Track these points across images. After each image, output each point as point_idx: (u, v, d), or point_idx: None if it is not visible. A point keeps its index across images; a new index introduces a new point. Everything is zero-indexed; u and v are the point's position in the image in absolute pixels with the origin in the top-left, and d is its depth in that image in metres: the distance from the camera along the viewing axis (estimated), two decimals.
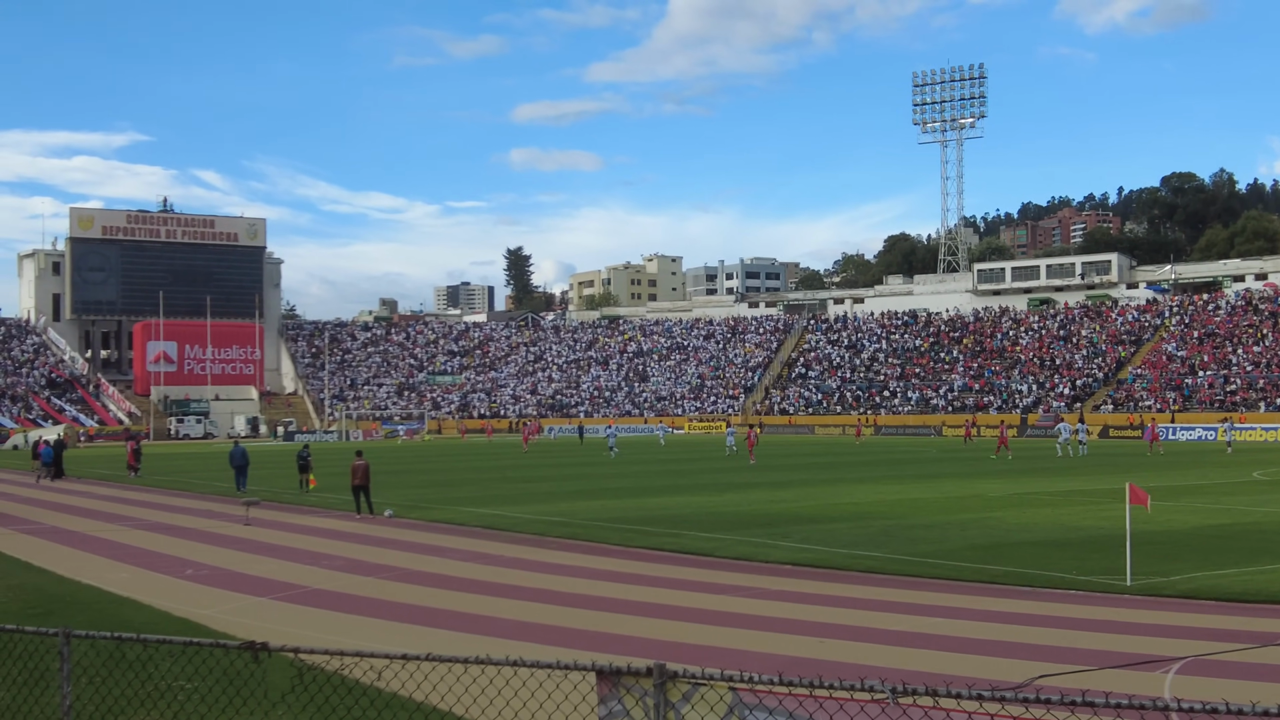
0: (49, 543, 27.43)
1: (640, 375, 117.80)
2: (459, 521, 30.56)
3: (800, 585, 19.82)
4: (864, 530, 27.14)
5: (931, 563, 21.86)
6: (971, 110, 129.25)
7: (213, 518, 32.89)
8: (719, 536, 26.21)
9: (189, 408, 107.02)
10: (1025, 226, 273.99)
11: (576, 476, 48.18)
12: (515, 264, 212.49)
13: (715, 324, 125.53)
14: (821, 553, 23.39)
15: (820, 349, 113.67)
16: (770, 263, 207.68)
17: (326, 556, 24.15)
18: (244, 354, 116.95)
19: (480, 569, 22.19)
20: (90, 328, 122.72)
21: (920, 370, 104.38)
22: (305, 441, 64.03)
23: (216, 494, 41.07)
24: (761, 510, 32.33)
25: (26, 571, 22.47)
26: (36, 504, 38.73)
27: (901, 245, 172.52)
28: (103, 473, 54.56)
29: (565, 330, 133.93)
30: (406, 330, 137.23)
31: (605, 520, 30.01)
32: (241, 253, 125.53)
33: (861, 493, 37.74)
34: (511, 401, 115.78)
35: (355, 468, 32.56)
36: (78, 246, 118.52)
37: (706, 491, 39.33)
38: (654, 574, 21.30)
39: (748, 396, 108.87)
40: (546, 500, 36.54)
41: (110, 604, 18.59)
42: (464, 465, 58.72)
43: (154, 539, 27.98)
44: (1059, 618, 16.77)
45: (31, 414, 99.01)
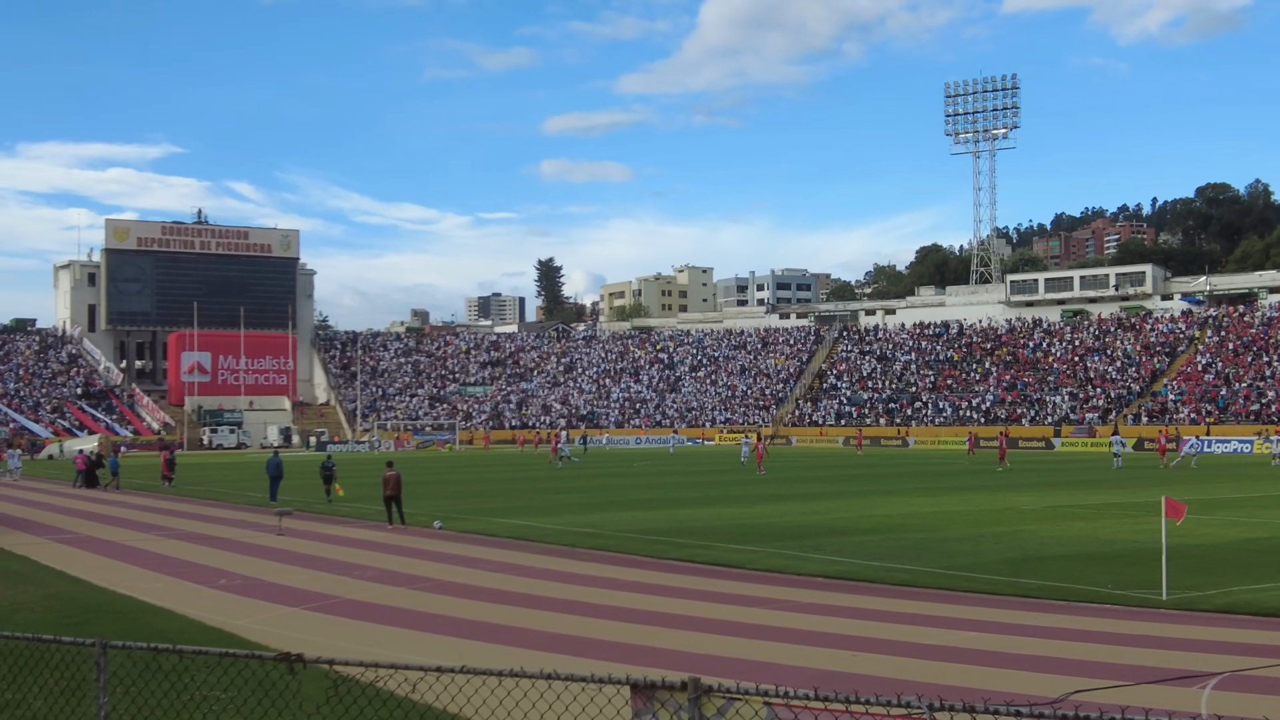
0: (84, 552, 27.62)
1: (671, 386, 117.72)
2: (490, 532, 30.58)
3: (833, 598, 19.74)
4: (896, 543, 27.00)
5: (965, 576, 21.73)
6: (1004, 121, 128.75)
7: (245, 528, 33.05)
8: (750, 549, 26.13)
9: (222, 418, 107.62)
10: (1058, 237, 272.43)
11: (606, 488, 48.16)
12: (546, 275, 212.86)
13: (746, 335, 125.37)
14: (854, 565, 23.29)
15: (852, 360, 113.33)
16: (801, 274, 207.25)
17: (358, 567, 24.22)
18: (277, 364, 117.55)
19: (511, 580, 22.20)
20: (125, 338, 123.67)
21: (952, 382, 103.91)
22: (329, 452, 64.49)
23: (249, 504, 41.26)
24: (793, 522, 32.22)
25: (61, 580, 22.62)
26: (71, 513, 39.02)
27: (933, 256, 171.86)
28: (137, 482, 54.93)
29: (596, 341, 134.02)
30: (438, 341, 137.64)
31: (636, 531, 29.98)
32: (275, 264, 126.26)
33: (893, 505, 37.56)
34: (542, 412, 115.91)
35: (387, 478, 32.64)
36: (113, 258, 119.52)
37: (737, 503, 39.23)
38: (685, 586, 21.25)
39: (778, 408, 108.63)
40: (577, 511, 36.54)
41: (145, 613, 18.69)
42: (494, 476, 58.80)
43: (187, 548, 28.13)
44: (1094, 632, 16.63)
45: (66, 423, 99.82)
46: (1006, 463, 60.08)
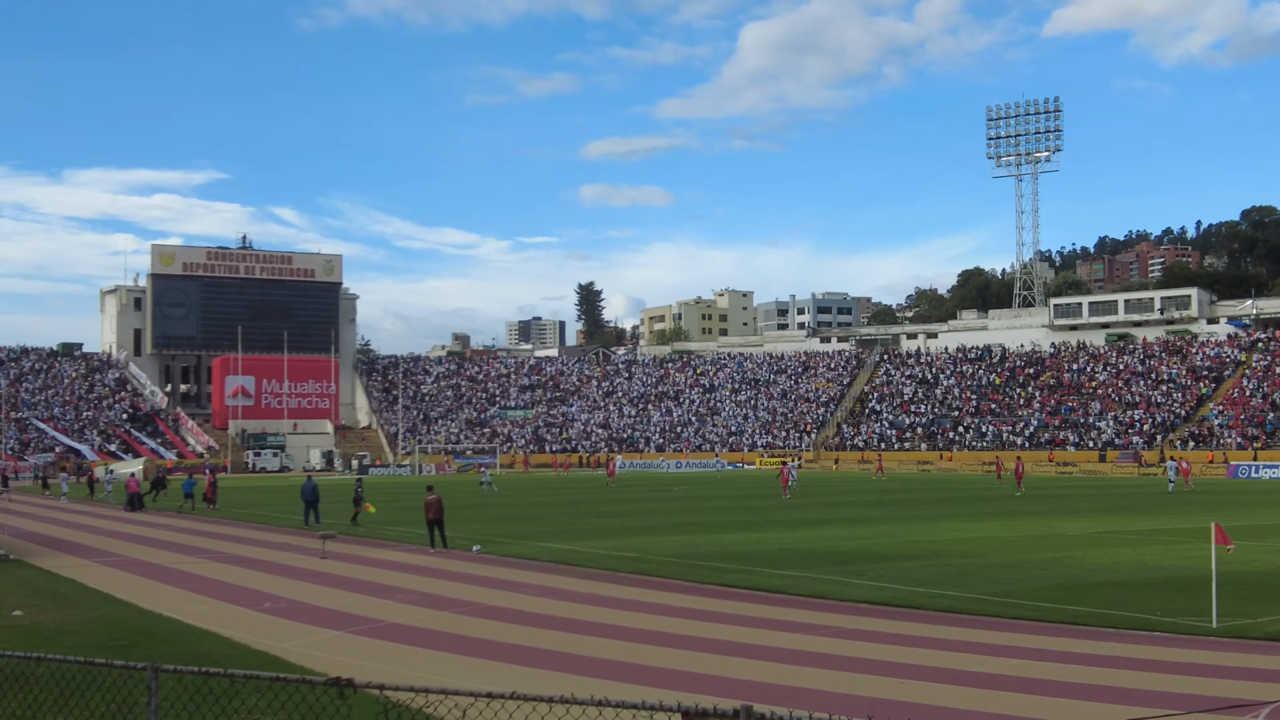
0: (129, 574, 27.82)
1: (711, 410, 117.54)
2: (532, 556, 30.59)
3: (878, 624, 19.59)
4: (941, 568, 26.79)
5: (1011, 603, 21.52)
6: (1047, 144, 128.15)
7: (289, 551, 33.20)
8: (794, 574, 26.00)
9: (265, 441, 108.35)
10: (1102, 261, 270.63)
11: (648, 511, 48.07)
12: (586, 299, 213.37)
13: (786, 359, 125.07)
14: (898, 591, 23.12)
15: (894, 384, 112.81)
16: (842, 297, 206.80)
17: (402, 591, 24.26)
18: (320, 388, 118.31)
19: (555, 605, 22.17)
20: (170, 362, 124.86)
21: (995, 406, 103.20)
22: (359, 476, 65.08)
23: (292, 527, 41.46)
24: (835, 547, 32.04)
25: (108, 604, 22.78)
26: (117, 536, 39.34)
27: (975, 280, 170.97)
28: (179, 505, 55.29)
29: (636, 365, 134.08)
30: (479, 365, 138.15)
31: (678, 556, 29.89)
32: (318, 288, 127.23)
33: (937, 530, 37.28)
34: (583, 436, 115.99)
35: (429, 502, 32.73)
36: (159, 283, 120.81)
37: (779, 528, 39.05)
38: (729, 611, 21.15)
39: (819, 432, 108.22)
40: (618, 535, 36.48)
41: (190, 636, 18.79)
42: (535, 500, 58.84)
43: (232, 571, 28.28)
44: (1144, 660, 16.43)
45: (112, 447, 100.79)
46: (1022, 488, 59.73)
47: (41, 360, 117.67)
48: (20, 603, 22.62)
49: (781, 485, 59.14)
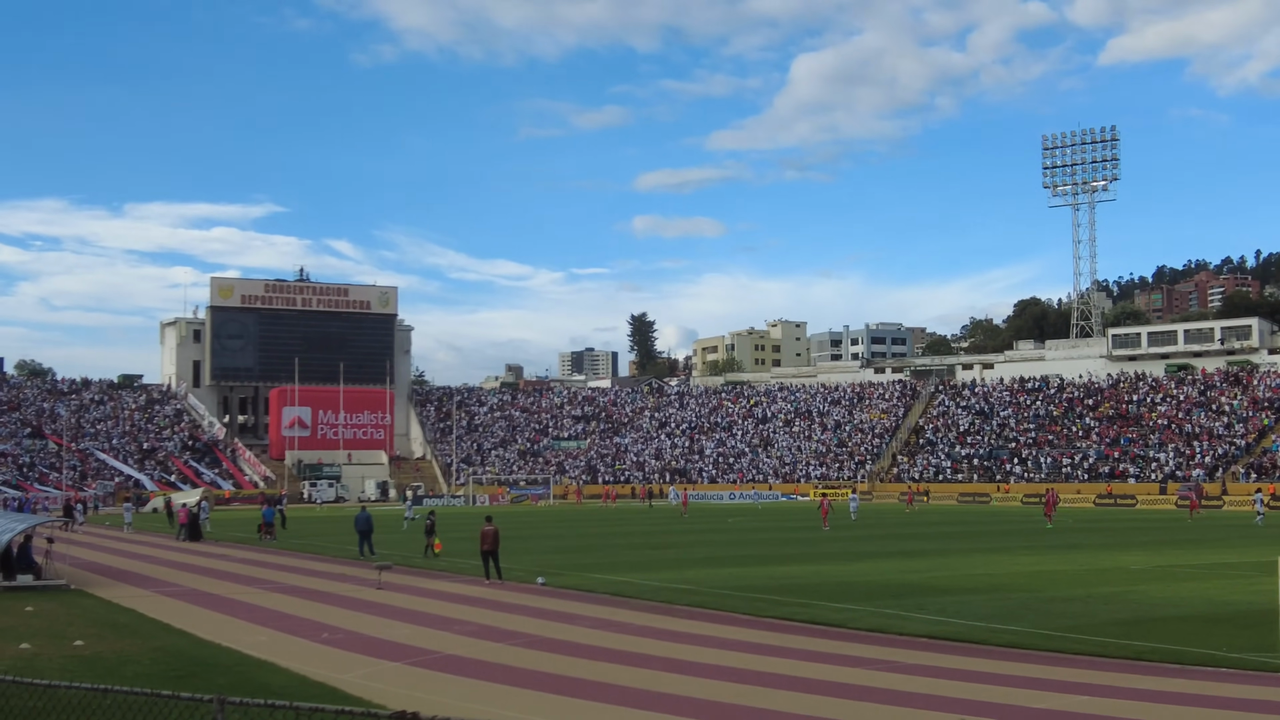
0: (188, 605, 28.04)
1: (764, 441, 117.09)
2: (586, 588, 30.53)
3: (938, 659, 19.35)
4: (1001, 603, 26.47)
5: (1074, 638, 21.22)
6: (1103, 173, 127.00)
7: (345, 581, 33.33)
8: (851, 607, 25.76)
9: (321, 472, 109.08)
10: (1160, 291, 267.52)
11: (702, 543, 47.87)
12: (639, 330, 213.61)
13: (840, 389, 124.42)
14: (958, 626, 22.85)
15: (949, 415, 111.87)
16: (896, 328, 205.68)
17: (458, 622, 24.28)
18: (375, 419, 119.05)
19: (610, 637, 22.10)
20: (228, 393, 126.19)
21: (1053, 438, 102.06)
22: (431, 507, 65.01)
23: (348, 558, 41.64)
24: (893, 580, 31.74)
25: (168, 634, 22.96)
26: (176, 566, 39.70)
27: (1032, 310, 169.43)
28: (239, 535, 55.83)
29: (689, 395, 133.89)
30: (532, 396, 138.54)
31: (734, 589, 29.73)
32: (374, 320, 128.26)
33: (996, 563, 36.85)
34: (635, 467, 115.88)
35: (484, 533, 32.77)
36: (218, 315, 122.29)
37: (835, 560, 38.76)
38: (786, 645, 20.99)
39: (874, 463, 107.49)
40: (673, 567, 36.35)
41: (250, 667, 18.89)
42: (589, 531, 58.78)
43: (289, 602, 28.44)
44: (1211, 697, 16.13)
45: (171, 477, 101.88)
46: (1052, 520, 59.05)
47: (102, 391, 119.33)
48: (82, 632, 22.86)
49: (821, 517, 58.62)
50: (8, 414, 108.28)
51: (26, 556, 32.60)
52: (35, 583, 31.52)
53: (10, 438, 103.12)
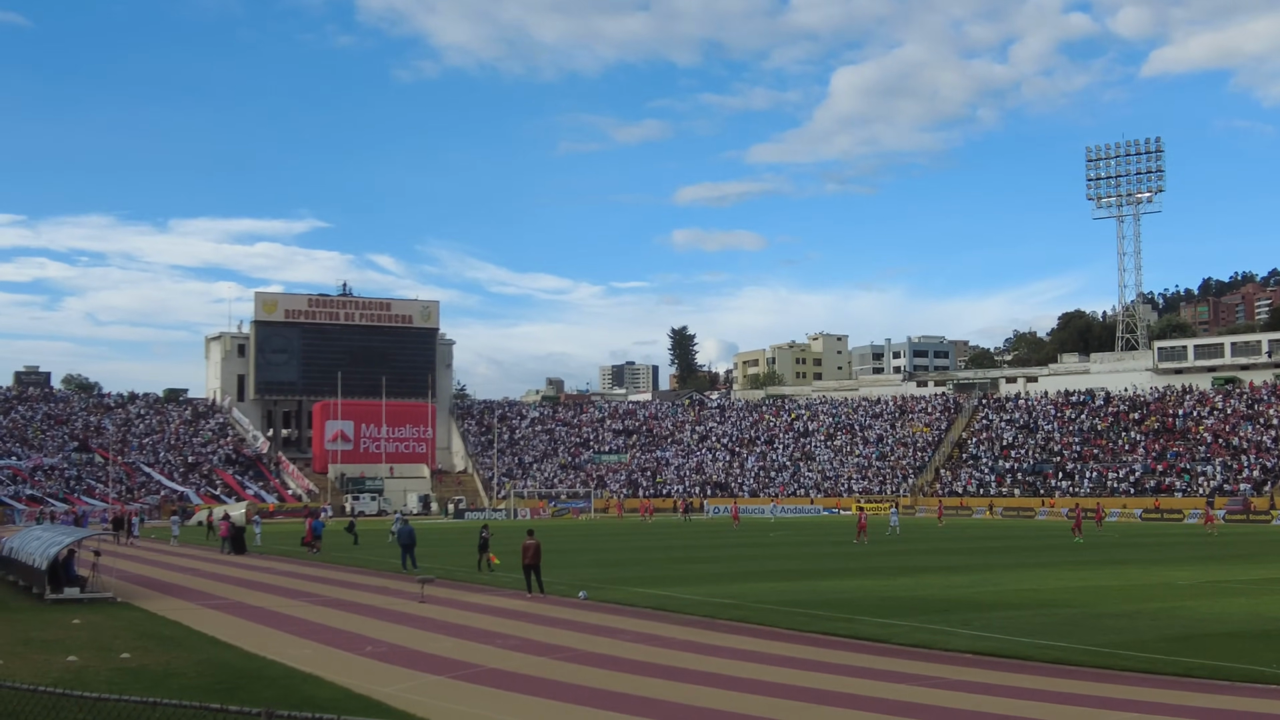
0: (233, 617, 28.21)
1: (806, 455, 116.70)
2: (628, 602, 30.48)
3: (983, 675, 19.18)
4: (1047, 618, 26.22)
5: (1121, 654, 20.99)
6: (1148, 185, 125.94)
7: (388, 594, 33.44)
8: (894, 622, 25.59)
9: (364, 485, 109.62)
10: (1206, 303, 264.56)
11: (744, 558, 47.72)
12: (679, 343, 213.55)
13: (882, 403, 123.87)
14: (1003, 642, 22.64)
15: (993, 429, 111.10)
16: (938, 341, 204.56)
17: (500, 636, 24.31)
18: (417, 433, 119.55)
19: (653, 651, 22.05)
20: (272, 407, 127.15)
21: (1099, 451, 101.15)
22: (485, 520, 65.12)
23: (391, 571, 41.78)
24: (937, 595, 31.52)
25: (213, 646, 23.11)
26: (221, 579, 39.96)
27: (1076, 322, 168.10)
28: (283, 548, 56.17)
29: (730, 409, 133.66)
30: (573, 409, 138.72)
31: (776, 603, 29.60)
32: (415, 334, 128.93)
33: (1041, 578, 36.52)
34: (676, 480, 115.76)
35: (526, 547, 32.79)
36: (261, 329, 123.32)
37: (878, 575, 38.53)
38: (829, 660, 20.88)
39: (917, 477, 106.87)
40: (715, 581, 36.25)
41: (294, 680, 18.97)
42: (630, 544, 58.73)
43: (333, 615, 28.55)
44: (1261, 715, 15.92)
45: (215, 490, 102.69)
46: (1081, 535, 58.82)
47: (148, 406, 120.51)
48: (128, 645, 23.04)
49: (858, 530, 58.82)
50: (55, 428, 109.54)
51: (70, 569, 32.92)
52: (82, 595, 31.81)
53: (58, 451, 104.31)
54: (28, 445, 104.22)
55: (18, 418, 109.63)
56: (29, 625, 26.34)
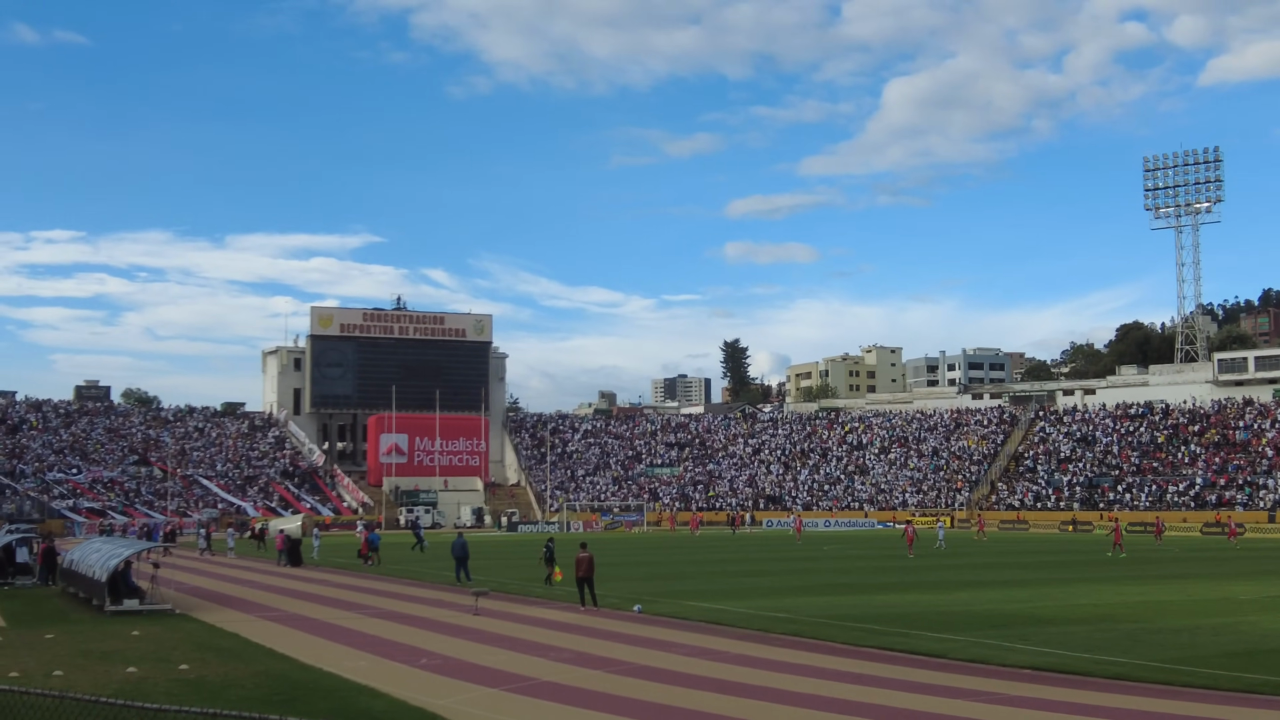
0: (289, 629, 28.43)
1: (860, 468, 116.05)
2: (682, 615, 30.41)
3: (1043, 691, 18.95)
4: (1107, 633, 25.88)
5: (1182, 669, 20.69)
6: (1207, 194, 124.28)
7: (443, 607, 33.58)
8: (951, 637, 25.36)
9: (418, 498, 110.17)
10: (1267, 314, 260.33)
11: (798, 571, 47.50)
12: (732, 356, 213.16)
13: (937, 415, 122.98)
14: (1063, 657, 22.37)
15: (1051, 441, 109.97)
16: (994, 353, 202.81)
17: (554, 649, 24.32)
18: (470, 446, 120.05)
19: (707, 665, 21.98)
20: (328, 420, 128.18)
21: (1158, 465, 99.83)
22: (550, 534, 65.19)
23: (445, 583, 41.95)
24: (995, 610, 31.20)
25: (270, 658, 23.29)
26: (277, 591, 40.29)
27: (1134, 334, 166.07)
28: (338, 561, 56.57)
29: (783, 422, 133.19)
30: (625, 423, 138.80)
31: (831, 617, 29.43)
32: (469, 348, 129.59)
33: (1101, 593, 36.06)
34: (729, 493, 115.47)
35: (580, 560, 32.81)
36: (317, 343, 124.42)
37: (934, 589, 38.23)
38: (885, 675, 20.71)
39: (972, 490, 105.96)
40: (769, 595, 36.10)
41: (351, 692, 19.08)
42: (683, 558, 58.61)
43: (388, 627, 28.70)
44: None
45: (272, 503, 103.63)
46: (1122, 550, 58.08)
47: (206, 419, 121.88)
48: (186, 656, 23.27)
49: (907, 544, 59.16)
50: (115, 441, 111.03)
51: (129, 581, 33.31)
52: (141, 607, 32.20)
53: (117, 464, 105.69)
54: (88, 459, 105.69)
55: (78, 431, 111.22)
56: (89, 636, 26.69)
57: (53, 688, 17.71)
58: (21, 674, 20.69)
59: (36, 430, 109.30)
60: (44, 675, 20.62)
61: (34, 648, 24.84)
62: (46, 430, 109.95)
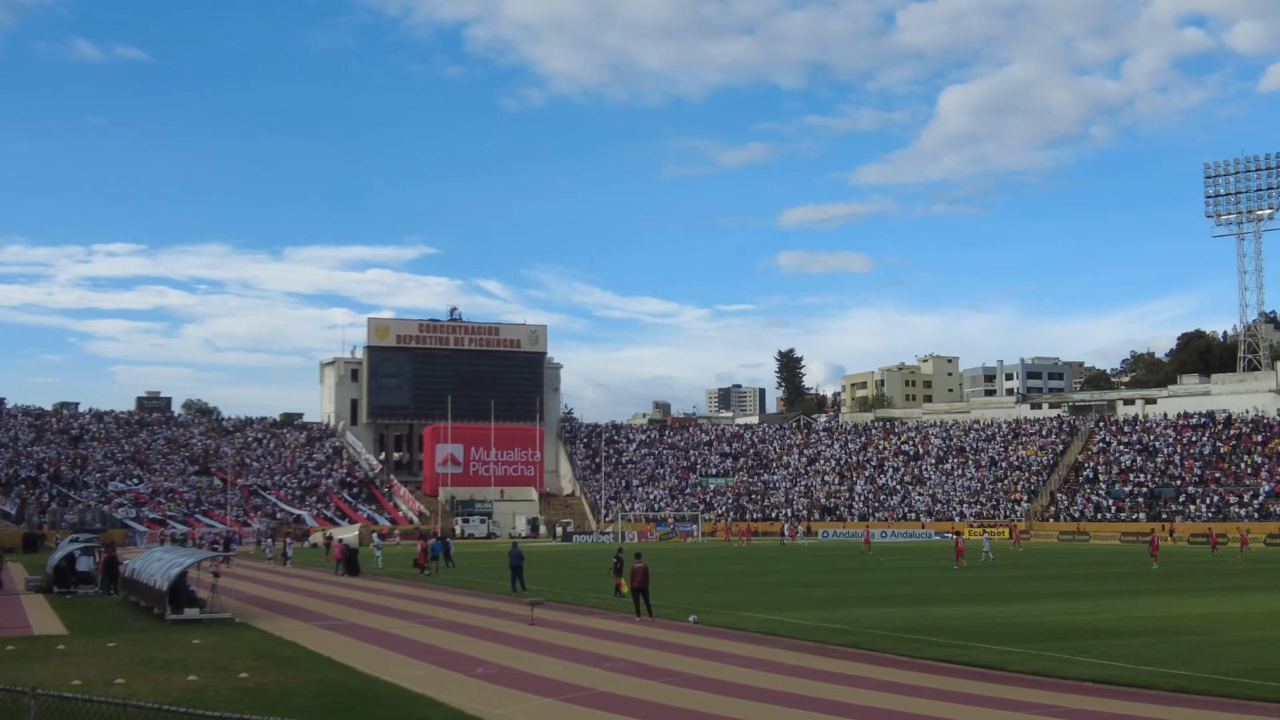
0: (347, 638, 28.62)
1: (916, 478, 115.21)
2: (737, 626, 30.31)
3: (1105, 704, 18.70)
4: (1169, 646, 25.50)
5: (1246, 683, 20.34)
6: (1269, 201, 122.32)
7: (498, 616, 33.68)
8: (1011, 649, 25.09)
9: (473, 508, 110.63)
10: None
11: (853, 582, 47.21)
12: (786, 366, 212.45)
13: (995, 425, 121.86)
14: (1124, 669, 22.07)
15: (1111, 452, 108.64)
16: (1053, 362, 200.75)
17: (609, 659, 24.32)
18: (525, 456, 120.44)
19: (763, 676, 21.88)
20: (384, 431, 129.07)
21: (1220, 475, 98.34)
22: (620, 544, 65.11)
23: (501, 593, 42.08)
24: (1054, 622, 30.84)
25: (328, 667, 23.46)
26: (335, 600, 40.59)
27: (1196, 343, 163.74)
28: (395, 570, 56.91)
29: (838, 432, 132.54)
30: (680, 433, 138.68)
31: (888, 629, 29.22)
32: (524, 358, 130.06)
33: (1162, 605, 35.56)
34: (784, 504, 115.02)
35: (635, 570, 32.81)
36: (374, 355, 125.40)
37: (992, 601, 37.85)
38: (943, 687, 20.52)
39: (1031, 501, 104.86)
40: (825, 606, 35.91)
41: (407, 701, 19.18)
42: (738, 568, 58.43)
43: (444, 636, 28.82)
44: None
45: (329, 513, 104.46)
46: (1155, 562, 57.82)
47: (265, 430, 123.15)
48: (246, 665, 23.50)
49: (956, 555, 59.80)
50: (175, 452, 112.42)
51: (187, 590, 33.68)
52: (201, 616, 32.54)
53: (178, 475, 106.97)
54: (149, 469, 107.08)
55: (140, 442, 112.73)
56: (151, 645, 27.01)
57: (115, 695, 17.95)
58: (84, 682, 20.97)
59: (99, 441, 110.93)
60: (106, 683, 20.88)
61: (96, 656, 25.18)
62: (108, 441, 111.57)
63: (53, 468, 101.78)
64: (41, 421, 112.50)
